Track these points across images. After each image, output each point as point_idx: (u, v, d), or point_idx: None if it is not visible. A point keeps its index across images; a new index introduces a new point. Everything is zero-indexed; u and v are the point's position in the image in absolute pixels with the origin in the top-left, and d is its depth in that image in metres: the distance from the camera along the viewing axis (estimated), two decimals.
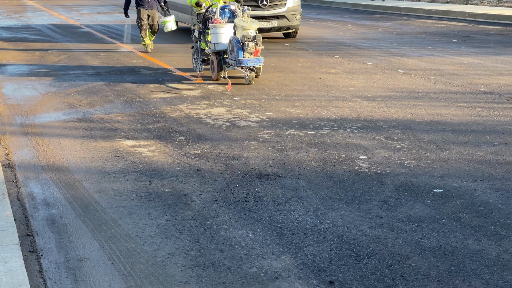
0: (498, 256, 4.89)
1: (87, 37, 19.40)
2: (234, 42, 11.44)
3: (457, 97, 10.35)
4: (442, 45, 16.10)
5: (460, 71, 12.55)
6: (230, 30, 12.00)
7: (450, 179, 6.60)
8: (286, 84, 11.80)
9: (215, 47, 11.95)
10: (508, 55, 14.28)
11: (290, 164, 7.26)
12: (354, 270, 4.75)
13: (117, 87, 11.87)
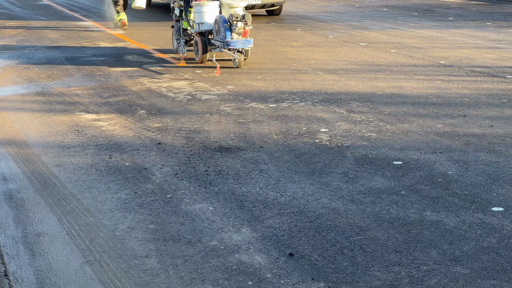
0: (455, 226, 4.95)
1: (47, 10, 19.10)
2: (221, 22, 10.46)
3: (417, 70, 10.41)
4: (403, 18, 16.16)
5: (421, 44, 12.61)
6: (216, 9, 11.01)
7: (409, 151, 6.65)
8: (248, 57, 11.75)
9: (199, 27, 10.94)
10: (468, 29, 14.39)
11: (251, 137, 7.25)
12: (314, 242, 4.77)
13: (78, 64, 11.72)
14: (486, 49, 12.02)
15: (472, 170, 6.07)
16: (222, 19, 10.49)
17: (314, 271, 4.36)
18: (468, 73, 10.09)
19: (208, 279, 4.29)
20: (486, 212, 5.18)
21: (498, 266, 4.33)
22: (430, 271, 4.30)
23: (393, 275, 4.27)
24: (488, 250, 4.55)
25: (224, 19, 10.49)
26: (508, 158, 6.36)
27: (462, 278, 4.20)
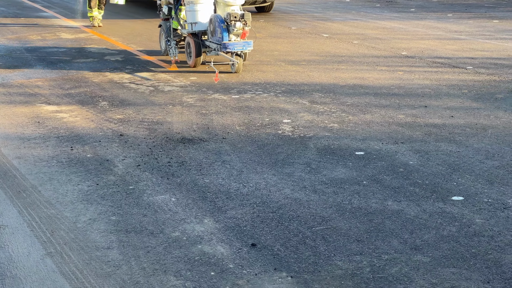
0: (416, 216, 4.99)
1: (7, 1, 18.84)
2: (217, 22, 9.47)
3: (379, 61, 10.47)
4: (366, 9, 16.24)
5: (383, 36, 12.69)
6: (210, 7, 10.01)
7: (371, 141, 6.69)
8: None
9: (191, 27, 9.91)
10: (429, 20, 14.51)
11: (214, 128, 7.23)
12: (276, 233, 4.78)
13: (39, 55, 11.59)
14: (447, 40, 12.13)
15: (433, 160, 6.13)
16: (218, 18, 9.51)
17: (277, 261, 4.37)
18: (429, 64, 10.18)
19: (170, 270, 4.28)
20: (446, 202, 5.23)
21: (457, 254, 4.38)
22: (391, 260, 4.34)
23: (355, 264, 4.30)
24: (448, 239, 4.60)
25: (221, 18, 9.52)
26: (468, 148, 6.43)
27: (422, 266, 4.24)
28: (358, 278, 4.13)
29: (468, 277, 4.08)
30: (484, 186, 5.49)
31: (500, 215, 4.94)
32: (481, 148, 6.40)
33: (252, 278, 4.16)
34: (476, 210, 5.05)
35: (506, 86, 8.69)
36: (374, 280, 4.09)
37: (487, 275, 4.10)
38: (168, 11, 10.55)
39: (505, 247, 4.44)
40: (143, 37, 12.92)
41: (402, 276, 4.14)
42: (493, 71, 9.58)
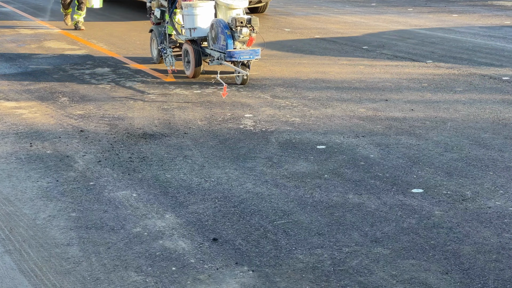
0: (376, 208, 5.03)
1: None
2: (220, 28, 8.51)
3: (341, 55, 10.52)
4: (327, 4, 16.30)
5: (344, 30, 12.75)
6: (211, 10, 8.99)
7: (333, 135, 6.72)
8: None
9: (190, 33, 8.90)
10: (390, 14, 14.61)
11: (176, 123, 7.21)
12: (238, 227, 4.79)
13: None
14: (408, 34, 12.22)
15: (393, 153, 6.18)
16: (221, 24, 8.53)
17: (238, 255, 4.37)
18: (390, 58, 10.25)
19: (131, 266, 4.26)
20: (406, 194, 5.28)
21: (417, 246, 4.42)
22: (351, 253, 4.36)
23: (316, 257, 4.32)
24: (407, 231, 4.65)
25: (225, 24, 8.54)
26: (427, 140, 6.49)
27: (382, 258, 4.28)
28: (319, 271, 4.15)
29: (427, 268, 4.13)
30: (443, 178, 5.55)
31: (458, 207, 5.00)
32: (441, 141, 6.47)
33: (213, 273, 4.16)
34: (436, 202, 5.10)
35: (465, 79, 8.79)
36: (334, 273, 4.11)
37: (445, 266, 4.15)
38: (161, 14, 9.57)
39: (464, 238, 4.49)
40: (129, 42, 12.76)
41: (362, 268, 4.16)
42: (452, 64, 9.68)
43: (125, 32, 13.10)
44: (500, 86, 8.42)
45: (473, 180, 5.50)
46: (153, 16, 9.76)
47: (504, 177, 5.53)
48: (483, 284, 3.91)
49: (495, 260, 4.18)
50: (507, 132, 6.67)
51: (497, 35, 12.01)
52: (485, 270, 4.08)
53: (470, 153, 6.12)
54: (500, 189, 5.31)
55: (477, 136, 6.59)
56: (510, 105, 7.58)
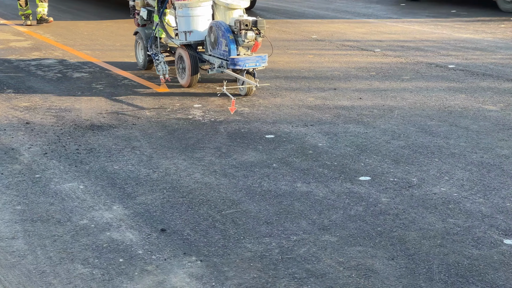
0: (324, 197, 5.06)
1: None
2: (222, 31, 7.56)
3: (290, 45, 10.55)
4: None
5: (293, 19, 12.78)
6: (209, 11, 8.05)
7: (281, 124, 6.74)
8: (121, 34, 11.57)
9: (185, 36, 7.95)
10: (338, 4, 14.69)
11: (124, 114, 7.15)
12: (186, 217, 4.77)
13: None
14: (356, 24, 12.31)
15: (341, 142, 6.22)
16: (222, 27, 7.58)
17: (186, 246, 4.36)
18: (339, 47, 10.31)
19: (77, 258, 4.21)
20: (354, 182, 5.32)
21: (364, 233, 4.46)
22: (299, 241, 4.38)
23: (264, 246, 4.33)
24: (355, 218, 4.68)
25: (226, 27, 7.59)
26: (375, 129, 6.55)
27: (330, 246, 4.30)
28: (267, 259, 4.16)
29: (373, 255, 4.17)
30: (390, 166, 5.61)
31: (405, 194, 5.06)
32: (388, 129, 6.53)
33: (161, 263, 4.14)
34: (383, 190, 5.15)
35: (412, 68, 8.89)
36: (282, 261, 4.13)
37: (391, 252, 4.20)
38: (148, 15, 8.58)
39: (409, 225, 4.55)
40: (76, 33, 12.61)
41: (310, 256, 4.19)
42: (399, 53, 9.78)
43: (73, 23, 12.94)
44: (446, 74, 8.54)
45: (419, 167, 5.57)
46: (139, 17, 8.77)
47: (449, 164, 5.62)
48: (428, 269, 3.96)
49: (440, 245, 4.24)
50: (452, 120, 6.76)
51: (443, 24, 12.17)
52: (430, 255, 4.13)
53: (416, 141, 6.19)
54: (445, 175, 5.39)
55: (423, 123, 6.67)
56: (455, 93, 7.69)
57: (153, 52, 8.35)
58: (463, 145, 6.03)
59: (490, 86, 7.95)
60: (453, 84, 8.08)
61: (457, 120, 6.73)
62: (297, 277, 3.93)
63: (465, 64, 9.05)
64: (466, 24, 12.16)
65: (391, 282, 3.84)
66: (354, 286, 3.81)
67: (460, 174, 5.40)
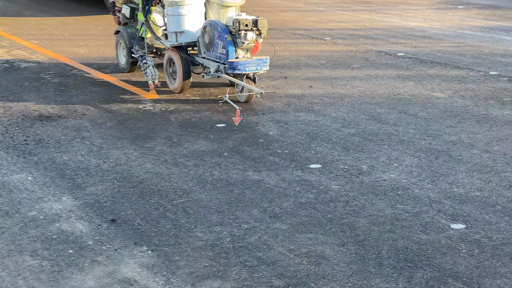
0: (275, 185, 5.08)
1: None
2: (218, 31, 6.90)
3: None
4: None
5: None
6: (201, 10, 7.41)
7: (232, 113, 6.73)
8: (70, 23, 11.43)
9: (176, 37, 7.29)
10: None
11: (73, 104, 7.07)
12: (137, 207, 4.74)
13: None
14: (307, 12, 12.35)
15: (292, 130, 6.25)
16: (219, 27, 6.92)
17: (137, 236, 4.33)
18: (289, 36, 10.34)
19: (26, 250, 4.16)
20: (304, 170, 5.35)
21: (314, 220, 4.49)
22: (250, 229, 4.39)
23: (215, 235, 4.33)
24: (305, 206, 4.71)
25: (223, 27, 6.93)
26: (325, 117, 6.59)
27: (281, 233, 4.33)
28: (218, 248, 4.16)
29: (324, 242, 4.20)
30: (340, 153, 5.66)
31: (355, 181, 5.11)
32: (338, 117, 6.58)
33: (112, 254, 4.11)
34: (333, 177, 5.19)
35: (361, 56, 8.96)
36: (234, 249, 4.13)
37: (342, 238, 4.24)
38: (131, 13, 7.94)
39: (359, 211, 4.60)
40: (24, 23, 12.40)
41: (261, 244, 4.20)
42: (349, 41, 9.85)
43: (19, 13, 12.73)
44: (395, 62, 8.63)
45: (369, 154, 5.62)
46: (121, 14, 8.14)
47: (398, 151, 5.68)
48: (377, 255, 4.01)
49: (389, 231, 4.30)
50: (401, 107, 6.84)
51: (393, 12, 12.28)
52: (379, 241, 4.18)
53: (366, 128, 6.25)
54: (395, 162, 5.45)
55: (373, 111, 6.74)
56: (404, 81, 7.78)
57: (139, 55, 7.60)
58: (412, 132, 6.11)
59: (438, 74, 8.06)
60: (402, 72, 8.18)
61: (406, 108, 6.81)
62: (248, 265, 3.95)
63: (413, 52, 9.16)
64: (414, 13, 12.30)
65: (341, 268, 3.88)
66: (304, 273, 3.84)
67: (409, 160, 5.47)
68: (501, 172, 5.19)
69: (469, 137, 5.98)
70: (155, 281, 3.80)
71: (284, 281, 3.76)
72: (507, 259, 3.91)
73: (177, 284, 3.76)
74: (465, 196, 4.78)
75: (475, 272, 3.79)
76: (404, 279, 3.74)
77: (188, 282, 3.78)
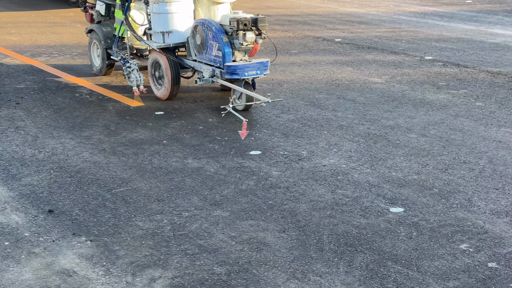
0: (215, 172, 5.05)
1: None
2: (212, 31, 6.18)
3: None
4: None
5: None
6: (190, 7, 6.65)
7: (171, 100, 6.67)
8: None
9: (164, 38, 6.54)
10: None
11: (7, 93, 6.90)
12: (75, 197, 4.66)
13: None
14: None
15: (231, 117, 6.22)
16: (213, 26, 6.20)
17: (75, 226, 4.25)
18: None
19: None
20: (244, 156, 5.33)
21: (255, 207, 4.48)
22: (191, 217, 4.36)
23: (156, 223, 4.28)
24: (246, 193, 4.70)
25: (218, 27, 6.21)
26: (265, 103, 6.57)
27: (222, 220, 4.30)
28: (159, 237, 4.11)
29: (265, 228, 4.19)
30: (280, 140, 5.66)
31: (295, 167, 5.11)
32: (278, 103, 6.57)
33: (49, 245, 4.03)
34: (273, 163, 5.19)
35: (299, 42, 8.98)
36: (174, 238, 4.10)
37: (283, 224, 4.24)
38: (106, 10, 7.29)
39: (300, 197, 4.60)
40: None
41: (202, 231, 4.17)
42: (287, 27, 9.86)
43: None
44: (333, 48, 8.67)
45: (309, 140, 5.64)
46: (94, 12, 7.48)
47: (338, 136, 5.71)
48: (318, 240, 4.02)
49: (329, 216, 4.32)
50: (339, 92, 6.88)
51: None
52: (320, 226, 4.20)
53: (305, 114, 6.26)
54: (334, 147, 5.48)
55: (312, 97, 6.76)
56: (342, 66, 7.83)
57: (120, 57, 6.90)
58: (351, 117, 6.15)
59: (375, 59, 8.13)
60: (340, 57, 8.22)
61: (345, 93, 6.86)
62: (190, 253, 3.91)
63: (351, 37, 9.22)
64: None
65: (283, 254, 3.88)
66: (246, 260, 3.82)
67: (348, 145, 5.50)
68: (437, 156, 5.26)
69: (406, 121, 6.05)
70: (95, 272, 3.74)
71: (226, 268, 3.74)
72: (444, 241, 3.97)
73: (117, 274, 3.71)
74: (403, 180, 4.83)
75: (413, 254, 3.84)
76: (344, 263, 3.76)
77: (128, 272, 3.73)
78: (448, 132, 5.77)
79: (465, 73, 7.57)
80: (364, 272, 3.65)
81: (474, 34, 9.65)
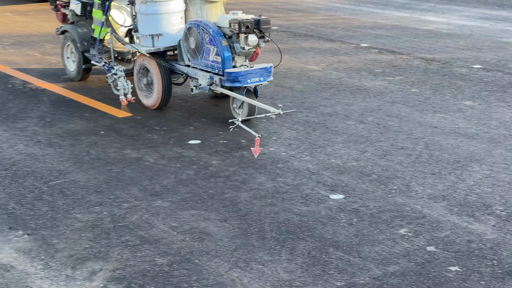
0: (155, 162, 5.00)
1: None
2: (210, 34, 5.62)
3: None
4: None
5: None
6: (181, 8, 6.06)
7: (107, 90, 6.58)
8: None
9: (153, 41, 5.96)
10: None
11: None
12: (11, 190, 4.56)
13: None
14: None
15: (170, 106, 6.17)
16: (210, 28, 5.63)
17: (12, 220, 4.16)
18: None
19: None
20: (184, 146, 5.30)
21: (196, 197, 4.45)
22: (131, 208, 4.31)
23: (95, 215, 4.22)
24: (186, 182, 4.67)
25: (216, 29, 5.65)
26: (203, 92, 6.54)
27: (162, 211, 4.26)
28: (98, 229, 4.05)
29: (206, 217, 4.17)
30: (219, 128, 5.63)
31: (235, 155, 5.10)
32: None
33: None
34: (213, 152, 5.17)
35: None
36: (115, 229, 4.04)
37: (224, 214, 4.22)
38: (82, 9, 6.70)
39: (240, 186, 4.60)
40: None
41: (142, 222, 4.13)
42: None
43: None
44: None
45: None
46: (68, 11, 6.86)
47: (277, 124, 5.72)
48: (259, 228, 4.02)
49: (270, 204, 4.32)
50: (277, 80, 6.89)
51: None
52: (261, 214, 4.20)
53: None
54: (273, 135, 5.48)
55: None
56: (279, 54, 7.82)
57: (104, 63, 6.27)
58: (289, 105, 6.16)
59: (312, 47, 8.17)
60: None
61: (282, 81, 6.87)
62: (131, 244, 3.87)
63: (287, 25, 9.24)
64: None
65: (225, 243, 3.87)
66: (188, 250, 3.80)
67: (287, 133, 5.52)
68: (375, 142, 5.32)
69: (344, 108, 6.10)
70: (33, 266, 3.66)
71: (168, 258, 3.71)
72: (384, 226, 4.02)
73: (56, 268, 3.64)
74: (342, 167, 4.87)
75: (354, 240, 3.87)
76: (287, 251, 3.77)
77: (68, 265, 3.66)
78: (385, 118, 5.84)
79: (400, 60, 7.67)
80: (306, 259, 3.67)
81: (408, 21, 9.78)
